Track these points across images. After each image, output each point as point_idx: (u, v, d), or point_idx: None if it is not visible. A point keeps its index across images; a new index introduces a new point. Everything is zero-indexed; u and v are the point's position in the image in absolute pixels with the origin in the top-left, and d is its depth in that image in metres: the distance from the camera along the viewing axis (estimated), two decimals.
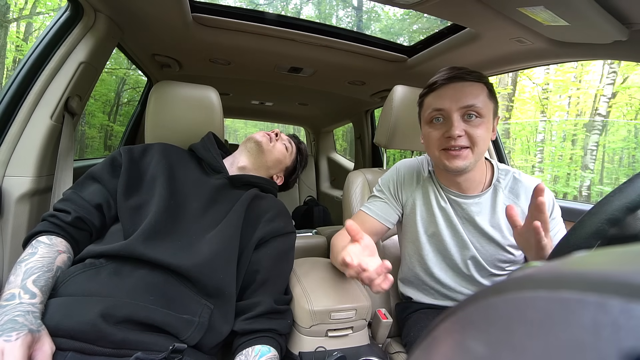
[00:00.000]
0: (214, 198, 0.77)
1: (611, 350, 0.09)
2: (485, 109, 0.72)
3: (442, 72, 0.77)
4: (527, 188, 0.79)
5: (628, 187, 0.58)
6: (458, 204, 0.81)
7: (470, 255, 0.81)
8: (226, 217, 0.74)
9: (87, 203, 0.68)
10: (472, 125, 0.72)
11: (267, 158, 0.91)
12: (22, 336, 0.46)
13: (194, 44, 1.17)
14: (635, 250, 0.13)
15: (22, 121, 0.80)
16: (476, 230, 0.81)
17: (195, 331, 0.60)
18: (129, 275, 0.61)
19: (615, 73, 4.62)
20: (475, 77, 0.74)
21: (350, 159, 2.84)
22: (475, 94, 0.72)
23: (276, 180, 0.96)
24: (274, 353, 0.65)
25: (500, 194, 0.80)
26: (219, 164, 0.84)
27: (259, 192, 0.84)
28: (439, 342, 0.16)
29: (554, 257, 0.73)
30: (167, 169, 0.76)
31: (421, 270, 0.87)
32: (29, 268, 0.56)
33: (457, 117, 0.73)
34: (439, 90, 0.75)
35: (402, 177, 0.90)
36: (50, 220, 0.65)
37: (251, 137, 0.93)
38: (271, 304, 0.69)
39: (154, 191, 0.72)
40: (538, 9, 0.68)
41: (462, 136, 0.73)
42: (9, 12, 5.43)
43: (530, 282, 0.13)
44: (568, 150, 5.23)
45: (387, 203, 0.88)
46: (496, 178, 0.81)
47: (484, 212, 0.80)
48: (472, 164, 0.75)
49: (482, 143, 0.73)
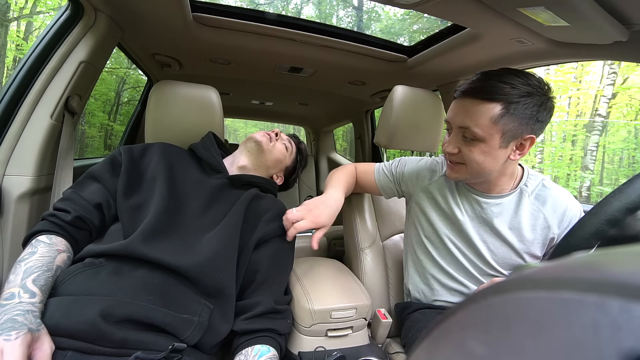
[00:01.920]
0: (214, 198, 0.77)
1: (611, 351, 0.09)
2: (484, 132, 0.67)
3: (469, 79, 0.72)
4: (555, 198, 0.77)
5: (628, 188, 0.58)
6: (478, 203, 0.80)
7: (479, 255, 0.81)
8: (226, 217, 0.74)
9: (86, 202, 0.68)
10: (467, 146, 0.70)
11: (267, 158, 0.91)
12: (21, 335, 0.46)
13: (195, 44, 1.17)
14: (635, 250, 0.13)
15: (22, 120, 0.80)
16: (492, 231, 0.79)
17: (194, 331, 0.60)
18: (129, 274, 0.61)
19: (616, 74, 4.63)
20: (489, 96, 0.65)
21: (350, 159, 2.84)
22: (475, 116, 0.67)
23: (276, 180, 0.96)
24: (274, 353, 0.65)
25: (526, 199, 0.78)
26: (219, 163, 0.84)
27: (259, 192, 0.84)
28: (438, 342, 0.16)
29: (554, 258, 0.74)
30: (167, 168, 0.76)
31: (427, 266, 0.87)
32: (28, 267, 0.56)
33: (456, 134, 0.72)
34: (454, 102, 0.73)
35: (410, 173, 0.91)
36: (50, 220, 0.65)
37: (251, 136, 0.93)
38: (271, 303, 0.69)
39: (153, 191, 0.72)
40: (538, 10, 0.68)
41: (456, 153, 0.72)
42: (10, 11, 5.43)
43: (530, 283, 0.13)
44: (568, 151, 5.23)
45: (392, 182, 0.94)
46: (524, 182, 0.79)
47: (504, 213, 0.78)
48: (469, 178, 0.75)
49: (475, 164, 0.71)
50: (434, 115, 1.10)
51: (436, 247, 0.85)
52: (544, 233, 0.77)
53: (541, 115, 0.67)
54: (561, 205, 0.77)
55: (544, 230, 0.77)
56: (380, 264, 1.02)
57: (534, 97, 0.65)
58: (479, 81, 0.69)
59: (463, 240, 0.82)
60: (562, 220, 0.77)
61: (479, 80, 0.69)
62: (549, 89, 0.68)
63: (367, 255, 1.01)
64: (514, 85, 0.65)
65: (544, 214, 0.77)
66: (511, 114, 0.65)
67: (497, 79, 0.66)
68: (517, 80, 0.65)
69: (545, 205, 0.78)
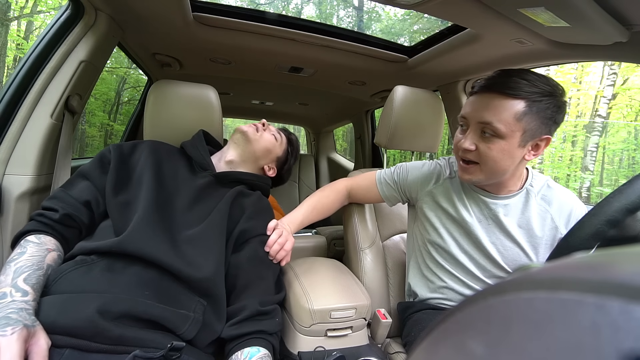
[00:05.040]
0: (199, 196, 0.77)
1: (610, 351, 0.09)
2: (507, 129, 0.65)
3: (490, 75, 0.70)
4: (560, 198, 0.78)
5: (627, 189, 0.58)
6: (486, 203, 0.80)
7: (487, 257, 0.80)
8: (209, 216, 0.73)
9: (74, 200, 0.68)
10: (486, 143, 0.68)
11: (255, 147, 0.90)
12: (17, 331, 0.46)
13: (195, 44, 1.17)
14: (634, 251, 0.13)
15: (23, 119, 0.80)
16: (502, 231, 0.79)
17: (191, 325, 0.60)
18: (122, 271, 0.61)
19: (616, 74, 4.63)
20: (513, 92, 0.64)
21: (350, 159, 2.84)
22: (498, 111, 0.65)
23: (268, 172, 0.95)
24: (264, 352, 0.64)
25: (532, 199, 0.78)
26: (206, 161, 0.84)
27: (245, 190, 0.83)
28: (438, 343, 0.16)
29: (553, 258, 0.74)
30: (155, 165, 0.76)
31: (431, 269, 0.87)
32: (18, 267, 0.56)
33: (474, 130, 0.70)
34: (473, 97, 0.71)
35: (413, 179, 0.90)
36: (38, 219, 0.65)
37: (237, 128, 0.92)
38: (256, 306, 0.68)
39: (141, 186, 0.71)
40: (539, 10, 0.68)
41: (473, 151, 0.70)
42: (10, 10, 5.43)
43: (530, 283, 0.13)
44: (568, 152, 5.24)
45: (395, 190, 0.93)
46: (529, 182, 0.79)
47: (512, 212, 0.78)
48: (483, 180, 0.74)
49: (492, 163, 0.69)
50: (434, 116, 1.10)
51: (442, 251, 0.85)
52: (552, 233, 0.77)
53: (558, 117, 0.67)
54: (567, 206, 0.78)
55: (552, 231, 0.77)
56: (380, 264, 1.02)
57: (555, 98, 0.65)
58: (500, 77, 0.67)
59: (471, 243, 0.81)
60: (569, 221, 0.77)
61: (501, 77, 0.67)
62: (564, 91, 0.68)
63: (367, 255, 1.01)
64: (536, 84, 0.64)
65: (551, 214, 0.77)
66: (534, 112, 0.64)
67: (519, 76, 0.65)
68: (538, 80, 0.65)
69: (551, 206, 0.78)
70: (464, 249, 0.82)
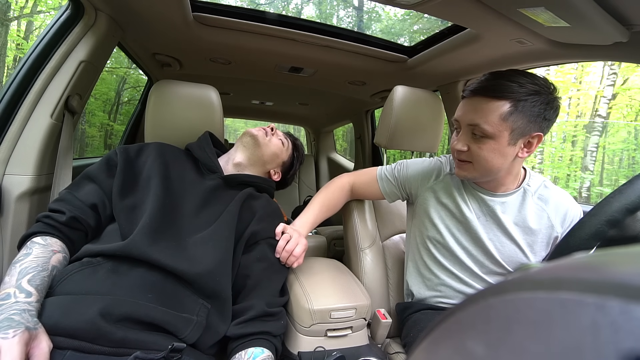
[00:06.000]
0: (208, 199, 0.77)
1: (610, 352, 0.09)
2: (494, 129, 0.68)
3: (479, 79, 0.73)
4: (556, 198, 0.80)
5: (627, 189, 0.58)
6: (484, 201, 0.81)
7: (486, 253, 0.81)
8: (220, 218, 0.73)
9: (82, 203, 0.68)
10: (477, 143, 0.72)
11: (264, 152, 0.90)
12: (19, 333, 0.46)
13: (195, 44, 1.17)
14: (634, 251, 0.13)
15: (23, 120, 0.80)
16: (499, 227, 0.81)
17: (193, 329, 0.60)
18: (127, 273, 0.61)
19: (616, 74, 4.63)
20: (499, 94, 0.67)
21: (350, 159, 2.84)
22: (485, 113, 0.69)
23: (273, 176, 0.96)
24: (268, 354, 0.64)
25: (529, 197, 0.80)
26: (214, 163, 0.84)
27: (254, 192, 0.83)
28: (438, 343, 0.16)
29: (553, 258, 0.74)
30: (162, 168, 0.76)
31: (430, 267, 0.87)
32: (23, 268, 0.56)
33: (465, 132, 0.74)
34: (463, 100, 0.75)
35: (414, 175, 0.91)
36: (45, 221, 0.65)
37: (247, 131, 0.92)
38: (263, 307, 0.69)
39: (149, 190, 0.71)
40: (539, 10, 0.68)
41: (465, 151, 0.74)
42: (10, 10, 5.43)
43: (530, 283, 0.13)
44: (568, 152, 5.23)
45: (395, 187, 0.94)
46: (527, 182, 0.81)
47: (509, 210, 0.80)
48: (478, 177, 0.77)
49: (484, 162, 0.72)
50: (434, 116, 1.10)
51: (440, 247, 0.86)
52: (548, 232, 0.79)
53: (548, 114, 0.69)
54: (563, 205, 0.80)
55: (548, 229, 0.79)
56: (380, 264, 1.02)
57: (541, 96, 0.67)
58: (487, 80, 0.71)
59: (470, 238, 0.82)
60: (565, 220, 0.79)
61: (488, 80, 0.71)
62: (554, 88, 0.70)
63: (367, 255, 1.01)
64: (522, 84, 0.67)
65: (548, 213, 0.79)
66: (519, 111, 0.67)
67: (505, 78, 0.68)
68: (525, 80, 0.68)
69: (548, 205, 0.80)
70: (463, 244, 0.83)
